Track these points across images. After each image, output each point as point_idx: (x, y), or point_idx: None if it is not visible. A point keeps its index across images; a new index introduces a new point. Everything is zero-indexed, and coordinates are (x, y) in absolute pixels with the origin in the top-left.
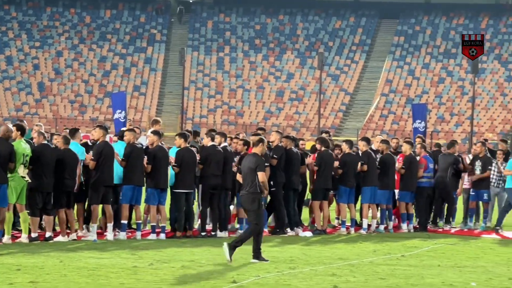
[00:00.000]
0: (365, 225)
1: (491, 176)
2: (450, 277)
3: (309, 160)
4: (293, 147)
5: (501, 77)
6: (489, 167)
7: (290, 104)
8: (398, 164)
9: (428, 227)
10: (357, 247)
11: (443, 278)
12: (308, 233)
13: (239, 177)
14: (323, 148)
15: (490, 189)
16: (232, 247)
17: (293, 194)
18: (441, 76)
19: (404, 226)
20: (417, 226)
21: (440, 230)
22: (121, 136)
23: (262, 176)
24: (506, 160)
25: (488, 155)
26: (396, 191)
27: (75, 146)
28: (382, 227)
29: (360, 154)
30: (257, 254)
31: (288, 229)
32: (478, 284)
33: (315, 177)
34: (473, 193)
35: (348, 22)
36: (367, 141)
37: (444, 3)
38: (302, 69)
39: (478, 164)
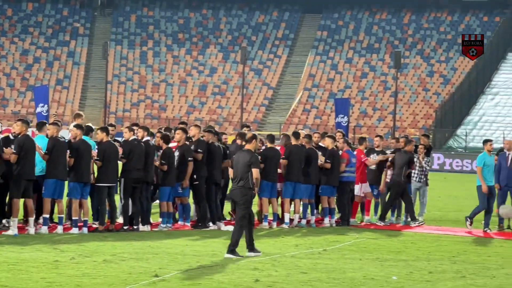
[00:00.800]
0: (287, 220)
1: (413, 170)
2: (372, 271)
3: (321, 158)
4: (215, 141)
5: (424, 72)
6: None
7: (213, 98)
8: (321, 159)
9: (376, 222)
10: (279, 242)
11: (364, 272)
12: (230, 227)
13: (231, 172)
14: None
15: (411, 184)
16: (231, 251)
17: (216, 188)
18: (364, 71)
19: (326, 220)
20: (339, 220)
21: (381, 225)
22: (39, 128)
23: (256, 173)
24: (427, 154)
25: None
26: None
27: (41, 139)
28: (304, 221)
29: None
30: (251, 247)
31: (211, 223)
32: (399, 278)
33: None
34: None
35: (271, 17)
36: (297, 136)
37: None
38: (225, 63)
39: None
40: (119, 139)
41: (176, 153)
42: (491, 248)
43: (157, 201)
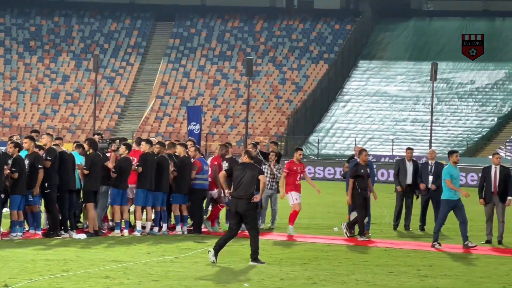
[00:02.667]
0: (139, 227)
1: None
2: (223, 279)
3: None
4: (65, 150)
5: (276, 79)
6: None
7: (66, 106)
8: (171, 167)
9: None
10: (132, 249)
11: (216, 280)
12: (82, 235)
13: (223, 182)
14: (91, 150)
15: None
16: (254, 259)
17: (69, 196)
18: (216, 78)
19: (178, 228)
20: (191, 228)
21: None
22: None
23: (263, 178)
24: (278, 161)
25: (260, 157)
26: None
27: None
28: (156, 229)
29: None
30: (255, 257)
31: (62, 231)
32: (251, 285)
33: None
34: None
35: (124, 25)
36: (149, 142)
37: (220, 5)
38: (78, 71)
39: None
40: None
41: (26, 161)
42: (342, 254)
43: (7, 209)
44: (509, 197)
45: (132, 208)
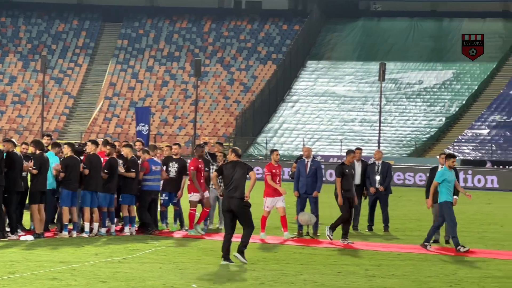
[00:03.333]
0: (87, 229)
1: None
2: (172, 279)
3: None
4: (15, 150)
5: (224, 80)
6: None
7: (13, 107)
8: (120, 168)
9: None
10: (79, 251)
11: (164, 280)
12: (29, 237)
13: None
14: (38, 151)
15: (210, 192)
16: (240, 252)
17: (17, 197)
18: (165, 79)
19: (126, 229)
20: (137, 228)
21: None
22: None
23: (254, 175)
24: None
25: (208, 157)
26: None
27: None
28: (104, 230)
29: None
30: (242, 250)
31: (9, 233)
32: (199, 285)
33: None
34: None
35: (72, 25)
36: (113, 145)
37: (168, 6)
38: (25, 72)
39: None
40: None
41: None
42: (290, 255)
43: None
44: (455, 197)
45: None
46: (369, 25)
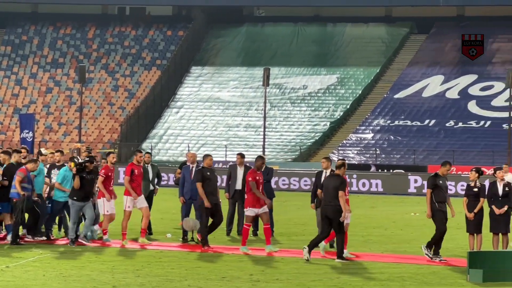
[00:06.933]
0: None
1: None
2: (55, 287)
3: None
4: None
5: (109, 86)
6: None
7: None
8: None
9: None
10: None
11: None
12: None
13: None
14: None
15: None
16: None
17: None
18: (49, 85)
19: (9, 237)
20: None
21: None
22: None
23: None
24: None
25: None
26: None
27: None
28: None
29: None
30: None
31: None
32: None
33: None
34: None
35: None
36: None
37: (51, 13)
38: None
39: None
40: None
41: None
42: (175, 261)
43: None
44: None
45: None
46: (253, 31)
